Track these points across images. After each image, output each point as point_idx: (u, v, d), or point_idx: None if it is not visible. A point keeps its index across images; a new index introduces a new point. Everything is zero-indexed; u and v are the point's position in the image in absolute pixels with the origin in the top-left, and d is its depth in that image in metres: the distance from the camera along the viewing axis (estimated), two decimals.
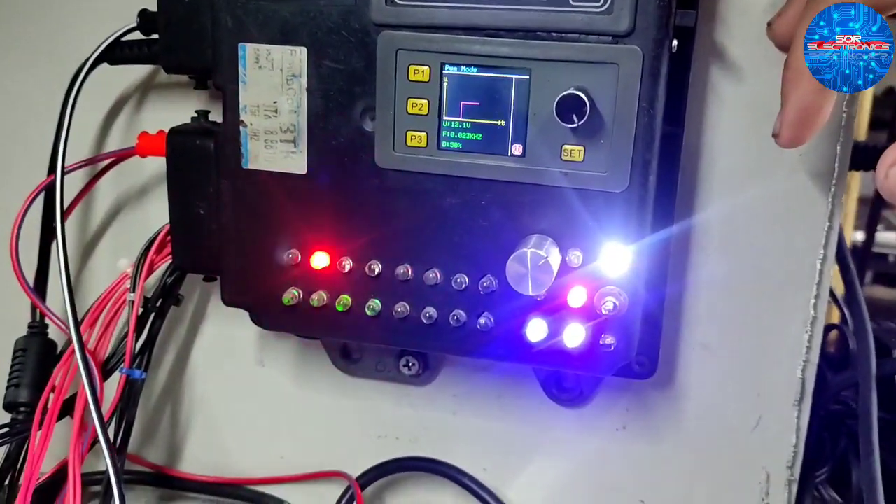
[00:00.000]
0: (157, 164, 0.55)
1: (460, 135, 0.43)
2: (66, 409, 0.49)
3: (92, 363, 0.46)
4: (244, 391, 0.59)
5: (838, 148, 0.46)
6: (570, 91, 0.39)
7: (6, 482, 0.50)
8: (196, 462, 0.61)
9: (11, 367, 0.51)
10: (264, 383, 0.58)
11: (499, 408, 0.55)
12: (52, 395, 0.48)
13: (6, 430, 0.48)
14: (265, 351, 0.58)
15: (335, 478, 0.57)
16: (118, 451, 0.49)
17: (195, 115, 0.49)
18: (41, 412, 0.46)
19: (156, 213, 0.56)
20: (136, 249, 0.52)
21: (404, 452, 0.56)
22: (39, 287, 0.53)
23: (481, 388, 0.55)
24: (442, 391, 0.55)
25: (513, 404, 0.54)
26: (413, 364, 0.53)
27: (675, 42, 0.40)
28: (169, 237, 0.50)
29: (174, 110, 0.53)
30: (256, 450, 0.60)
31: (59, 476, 0.52)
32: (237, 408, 0.59)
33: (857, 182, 1.44)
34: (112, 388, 0.50)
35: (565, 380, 0.53)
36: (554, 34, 0.40)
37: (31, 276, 0.53)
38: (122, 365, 0.49)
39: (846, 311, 0.60)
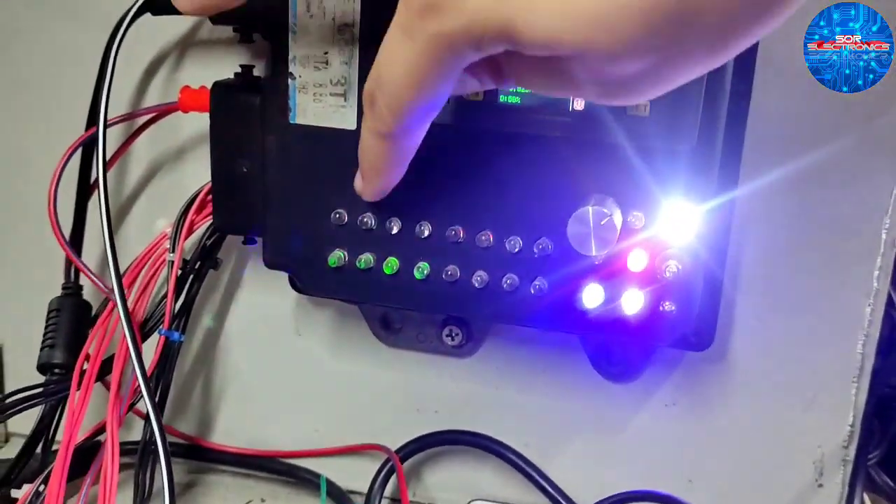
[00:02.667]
0: (195, 123, 0.53)
1: (519, 89, 0.41)
2: (102, 372, 0.48)
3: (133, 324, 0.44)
4: (280, 361, 0.57)
5: None
6: None
7: (40, 444, 0.49)
8: (229, 434, 0.59)
9: (45, 327, 0.50)
10: (300, 353, 0.57)
11: (543, 382, 0.53)
12: (88, 357, 0.47)
13: (40, 390, 0.47)
14: (302, 320, 0.56)
15: (373, 451, 0.55)
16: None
17: (239, 70, 0.48)
18: (79, 372, 0.45)
19: (193, 173, 0.55)
20: (172, 210, 0.51)
21: (444, 426, 0.54)
22: (75, 247, 0.51)
23: (525, 361, 0.53)
24: (484, 364, 0.54)
25: (558, 378, 0.53)
26: (456, 334, 0.52)
27: None
28: (210, 197, 0.49)
29: (215, 66, 0.52)
30: (291, 422, 0.58)
31: (92, 442, 0.51)
32: (272, 378, 0.58)
33: None
34: (148, 351, 0.49)
35: (614, 353, 0.51)
36: None
37: (65, 236, 0.51)
38: (161, 326, 0.48)
39: (892, 293, 0.58)
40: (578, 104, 0.40)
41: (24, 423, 0.53)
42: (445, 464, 0.56)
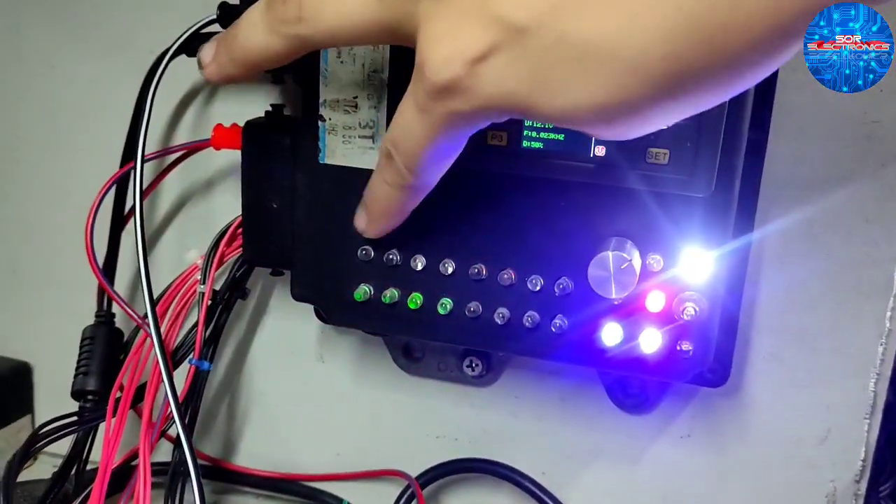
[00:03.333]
0: (223, 158, 0.55)
1: (542, 135, 0.42)
2: (134, 399, 0.50)
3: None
4: (303, 387, 0.59)
5: None
6: None
7: (73, 470, 0.50)
8: (252, 456, 0.61)
9: (79, 355, 0.52)
10: (323, 379, 0.58)
11: (560, 411, 0.54)
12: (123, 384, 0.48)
13: (75, 418, 0.49)
14: (325, 347, 0.58)
15: (392, 477, 0.56)
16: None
17: (269, 109, 0.49)
18: (114, 399, 0.46)
19: (222, 206, 0.56)
20: (200, 242, 0.53)
21: (463, 453, 0.56)
22: (107, 276, 0.53)
23: (543, 391, 0.54)
24: (503, 393, 0.55)
25: (575, 408, 0.54)
26: (477, 365, 0.53)
27: None
28: (240, 230, 0.50)
29: (244, 104, 0.54)
30: (313, 446, 0.60)
31: (123, 467, 0.52)
32: (295, 403, 0.59)
33: None
34: (178, 378, 0.51)
35: (631, 385, 0.52)
36: None
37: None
38: (192, 356, 0.49)
39: None
40: (600, 150, 0.42)
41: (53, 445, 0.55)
42: (464, 491, 0.57)
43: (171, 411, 0.45)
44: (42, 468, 0.61)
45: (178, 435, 0.49)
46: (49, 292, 0.63)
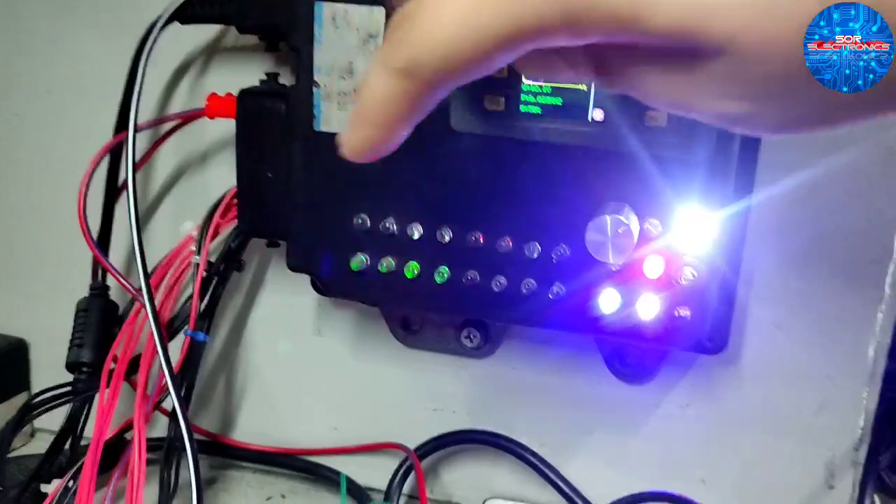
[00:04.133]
0: (219, 128, 0.54)
1: (539, 99, 0.42)
2: (129, 370, 0.49)
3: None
4: (301, 361, 0.59)
5: None
6: None
7: (68, 442, 0.50)
8: (250, 431, 0.61)
9: (74, 327, 0.51)
10: (321, 353, 0.58)
11: (559, 383, 0.54)
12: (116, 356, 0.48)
13: (69, 388, 0.48)
14: (323, 320, 0.58)
15: (391, 449, 0.56)
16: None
17: (265, 77, 0.49)
18: (107, 371, 0.46)
19: (217, 177, 0.56)
20: (196, 213, 0.52)
21: (461, 425, 0.56)
22: (102, 248, 0.53)
23: (541, 362, 0.54)
24: (501, 364, 0.55)
25: (573, 379, 0.54)
26: (475, 336, 0.53)
27: None
28: (235, 200, 0.50)
29: (240, 73, 0.53)
30: (311, 420, 0.59)
31: (118, 439, 0.52)
32: (293, 377, 0.59)
33: None
34: (174, 351, 0.50)
35: (629, 355, 0.52)
36: None
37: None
38: (186, 327, 0.49)
39: None
40: (598, 114, 0.41)
41: (49, 419, 0.54)
42: (462, 462, 0.57)
43: (167, 382, 0.45)
44: (39, 444, 0.60)
45: (173, 407, 0.49)
46: (44, 269, 0.63)
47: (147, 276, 0.45)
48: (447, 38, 0.23)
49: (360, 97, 0.26)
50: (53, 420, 0.54)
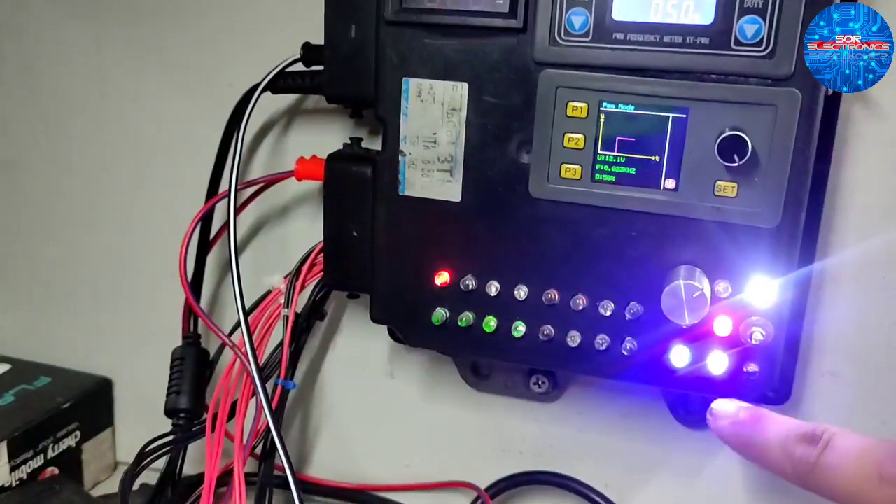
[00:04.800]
0: (296, 186, 0.58)
1: (614, 168, 0.45)
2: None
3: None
4: (374, 402, 0.62)
5: None
6: (734, 132, 0.41)
7: (169, 485, 0.53)
8: (324, 468, 0.64)
9: (171, 375, 0.55)
10: (393, 395, 0.61)
11: (623, 427, 0.56)
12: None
13: (171, 438, 0.52)
14: (396, 364, 0.61)
15: (461, 488, 0.59)
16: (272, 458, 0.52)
17: (348, 141, 0.52)
18: (212, 417, 0.49)
19: (296, 233, 0.59)
20: (275, 268, 0.55)
21: (528, 467, 0.58)
22: (195, 300, 0.56)
23: (607, 407, 0.57)
24: (567, 408, 0.57)
25: (637, 424, 0.56)
26: (543, 382, 0.56)
27: None
28: (321, 256, 0.53)
29: (319, 135, 0.57)
30: (383, 458, 0.62)
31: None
32: (366, 417, 0.62)
33: None
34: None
35: (692, 402, 0.54)
36: (714, 76, 0.42)
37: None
38: (277, 375, 0.52)
39: None
40: (670, 184, 0.44)
41: (129, 452, 0.58)
42: (530, 502, 0.60)
43: (263, 426, 0.48)
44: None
45: (263, 450, 0.52)
46: (127, 313, 0.67)
47: (248, 326, 0.48)
48: None
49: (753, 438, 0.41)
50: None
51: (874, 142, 0.47)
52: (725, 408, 0.43)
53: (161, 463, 0.54)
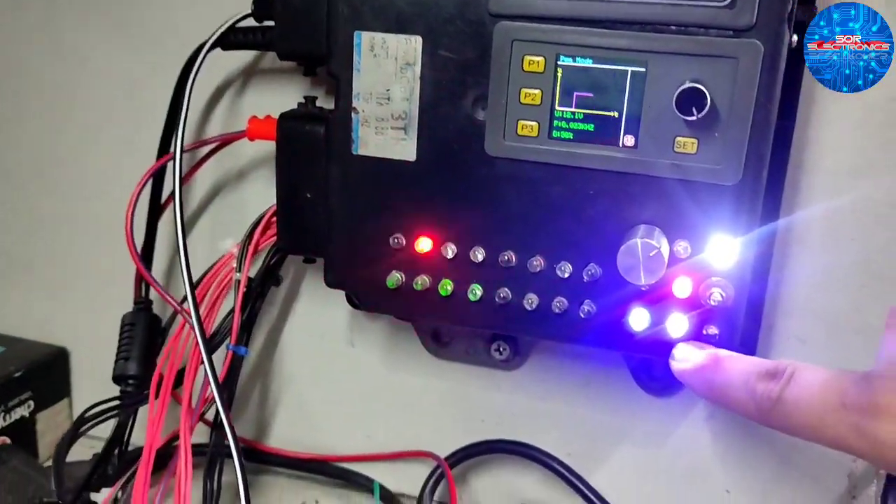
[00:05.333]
0: (254, 148, 0.56)
1: (572, 125, 0.43)
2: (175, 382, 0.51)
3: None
4: (334, 370, 0.60)
5: None
6: (692, 84, 0.39)
7: (115, 452, 0.52)
8: (284, 438, 0.62)
9: (119, 340, 0.53)
10: (354, 363, 0.60)
11: (586, 395, 0.55)
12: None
13: (117, 402, 0.50)
14: (356, 332, 0.59)
15: (422, 458, 0.58)
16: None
17: (302, 100, 0.51)
18: (156, 383, 0.48)
19: (253, 196, 0.58)
20: (233, 231, 0.54)
21: (490, 435, 0.57)
22: (146, 264, 0.55)
23: (569, 374, 0.55)
24: (530, 376, 0.56)
25: (600, 391, 0.55)
26: (504, 349, 0.55)
27: (794, 37, 0.40)
28: (274, 219, 0.52)
29: (275, 96, 0.55)
30: (344, 428, 0.61)
31: (164, 447, 0.54)
32: (326, 387, 0.61)
33: None
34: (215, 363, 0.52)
35: (655, 368, 0.53)
36: (673, 27, 0.40)
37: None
38: (228, 341, 0.51)
39: None
40: (629, 140, 0.43)
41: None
42: (492, 471, 0.59)
43: (212, 394, 0.47)
44: (79, 450, 0.63)
45: (216, 417, 0.51)
46: (84, 279, 0.65)
47: (194, 292, 0.47)
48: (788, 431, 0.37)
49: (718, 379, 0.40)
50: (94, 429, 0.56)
51: (842, 99, 0.46)
52: (687, 350, 0.43)
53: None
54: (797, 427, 0.35)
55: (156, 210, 0.55)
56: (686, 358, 0.42)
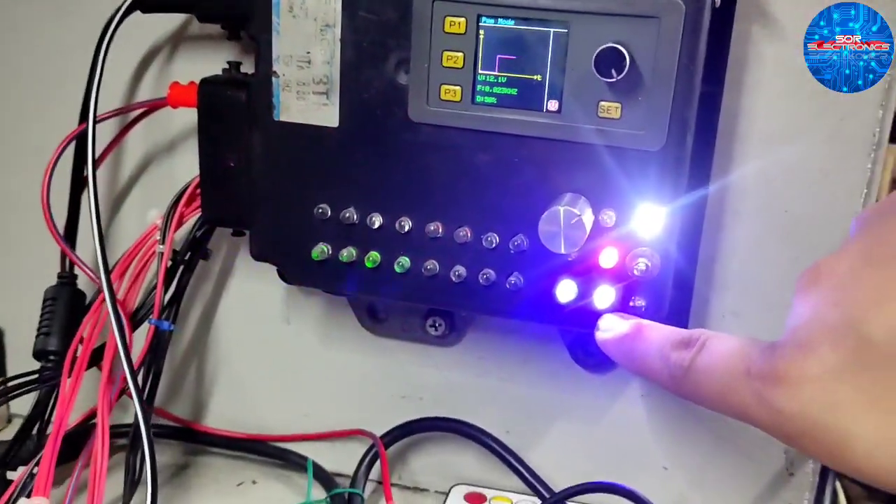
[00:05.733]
0: (186, 117, 0.54)
1: (495, 89, 0.42)
2: (95, 359, 0.50)
3: (122, 312, 0.46)
4: (270, 348, 0.59)
5: (880, 113, 0.44)
6: (610, 44, 0.38)
7: (34, 430, 0.50)
8: (221, 418, 0.61)
9: (41, 315, 0.52)
10: (290, 341, 0.58)
11: (524, 372, 0.54)
12: (81, 344, 0.48)
13: (35, 377, 0.49)
14: (291, 308, 0.58)
15: (359, 436, 0.57)
16: (146, 402, 0.49)
17: (227, 66, 0.49)
18: (70, 360, 0.46)
19: (184, 166, 0.56)
20: (165, 202, 0.52)
21: (428, 413, 0.56)
22: (69, 237, 0.53)
23: (507, 351, 0.54)
24: (467, 353, 0.55)
25: (538, 368, 0.54)
26: (440, 325, 0.53)
27: None
28: (199, 190, 0.50)
29: (205, 62, 0.53)
30: (281, 407, 0.60)
31: (86, 426, 0.52)
32: (262, 364, 0.60)
33: (893, 158, 1.41)
34: (140, 339, 0.51)
35: (591, 344, 0.52)
36: None
37: (60, 227, 0.53)
38: (151, 316, 0.49)
39: None
40: (552, 105, 0.41)
41: (25, 405, 0.55)
42: (429, 449, 0.58)
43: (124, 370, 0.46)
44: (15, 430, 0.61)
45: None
46: (17, 256, 0.63)
47: (107, 265, 0.45)
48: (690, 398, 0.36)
49: (629, 346, 0.40)
50: (28, 406, 0.54)
51: (774, 64, 0.45)
52: (612, 321, 0.42)
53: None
54: (706, 396, 0.34)
55: (79, 182, 0.53)
56: (610, 328, 0.41)
